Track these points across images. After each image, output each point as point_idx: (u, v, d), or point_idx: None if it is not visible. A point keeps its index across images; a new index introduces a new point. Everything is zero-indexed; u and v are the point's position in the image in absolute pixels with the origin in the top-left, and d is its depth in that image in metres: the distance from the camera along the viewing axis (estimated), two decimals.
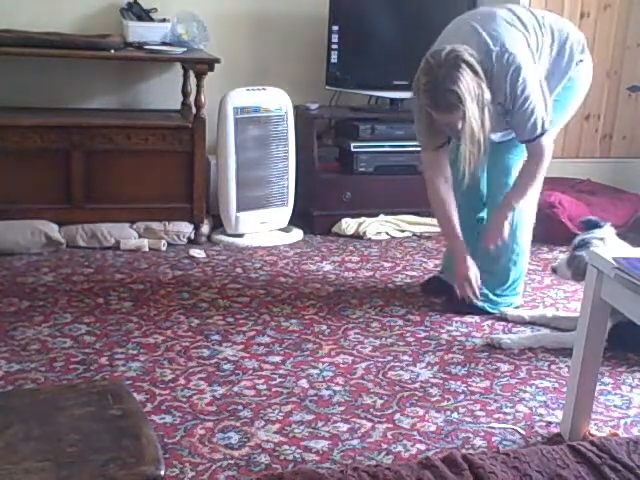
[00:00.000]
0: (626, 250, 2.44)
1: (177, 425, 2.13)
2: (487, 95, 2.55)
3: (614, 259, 1.87)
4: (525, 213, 2.96)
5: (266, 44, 4.12)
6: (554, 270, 2.83)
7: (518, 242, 2.97)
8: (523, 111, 2.63)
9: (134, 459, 1.30)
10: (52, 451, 1.32)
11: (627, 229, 4.08)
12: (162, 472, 1.30)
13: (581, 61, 2.83)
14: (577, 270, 2.67)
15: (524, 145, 2.79)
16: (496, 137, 2.82)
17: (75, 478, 1.26)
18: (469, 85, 2.49)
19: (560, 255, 3.85)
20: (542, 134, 2.68)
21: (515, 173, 2.88)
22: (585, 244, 2.66)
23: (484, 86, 2.53)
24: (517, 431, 2.19)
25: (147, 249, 3.60)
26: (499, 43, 2.59)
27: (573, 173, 4.40)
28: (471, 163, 2.64)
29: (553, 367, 2.60)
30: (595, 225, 2.76)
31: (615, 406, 2.37)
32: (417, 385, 2.44)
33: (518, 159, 2.89)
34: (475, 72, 2.51)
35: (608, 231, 2.73)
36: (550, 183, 4.23)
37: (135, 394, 2.10)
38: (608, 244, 2.63)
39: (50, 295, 3.01)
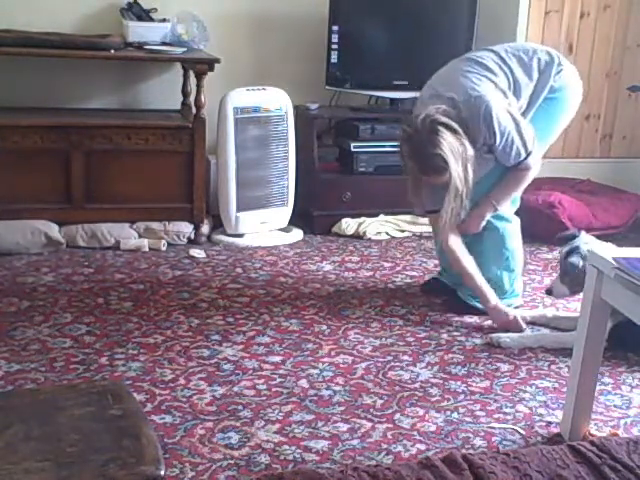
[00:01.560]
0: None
1: (177, 425, 2.13)
2: (470, 151, 2.63)
3: (614, 259, 1.87)
4: (509, 220, 2.98)
5: (266, 44, 4.12)
6: (549, 292, 2.83)
7: (507, 247, 2.98)
8: (504, 144, 2.72)
9: (134, 459, 1.30)
10: (52, 451, 1.31)
11: (627, 229, 4.09)
12: (162, 472, 1.30)
13: (560, 71, 2.87)
14: (574, 281, 2.66)
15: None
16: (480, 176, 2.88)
17: (75, 478, 1.26)
18: (452, 145, 2.59)
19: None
20: (527, 156, 2.77)
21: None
22: (573, 252, 2.67)
23: (465, 142, 2.62)
24: (517, 431, 2.19)
25: (147, 249, 3.60)
26: (462, 92, 2.69)
27: (573, 173, 4.40)
28: (452, 217, 2.73)
29: (553, 367, 2.60)
30: (572, 237, 2.77)
31: (615, 406, 2.37)
32: (417, 385, 2.44)
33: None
34: (454, 131, 2.60)
35: (587, 237, 2.75)
36: (550, 183, 4.25)
37: (135, 394, 2.10)
38: (595, 247, 2.63)
39: (50, 295, 3.01)
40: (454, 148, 2.59)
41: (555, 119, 2.95)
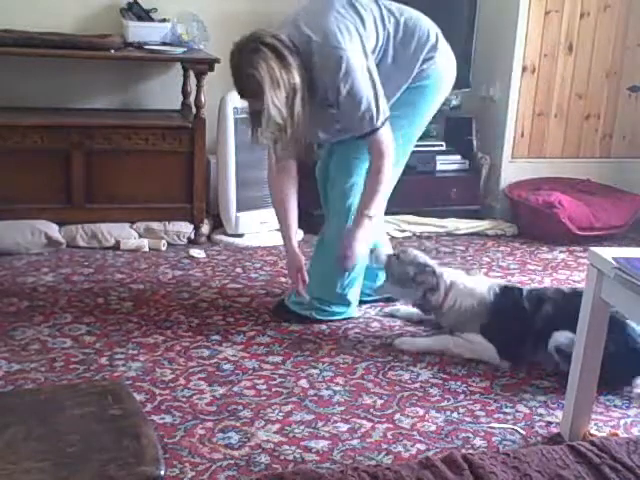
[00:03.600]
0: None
1: (177, 425, 2.13)
2: (296, 80, 2.41)
3: (614, 259, 1.87)
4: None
5: None
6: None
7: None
8: (349, 103, 2.48)
9: (134, 459, 1.30)
10: (52, 451, 1.31)
11: (627, 229, 4.09)
12: (162, 472, 1.29)
13: (431, 58, 2.66)
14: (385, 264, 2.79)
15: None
16: (325, 136, 2.75)
17: (75, 478, 1.26)
18: (272, 69, 2.37)
19: (560, 255, 3.86)
20: (376, 129, 2.51)
21: (356, 175, 2.74)
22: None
23: (294, 72, 2.40)
24: (517, 431, 2.19)
25: (147, 249, 3.60)
26: (323, 36, 2.46)
27: (573, 173, 4.40)
28: (277, 151, 2.54)
29: None
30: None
31: (615, 406, 2.37)
32: (417, 385, 2.44)
33: (363, 160, 2.69)
34: (279, 56, 2.39)
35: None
36: (550, 183, 4.26)
37: (135, 394, 2.10)
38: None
39: (50, 295, 3.01)
40: (274, 73, 2.36)
41: (417, 114, 2.73)
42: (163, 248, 3.62)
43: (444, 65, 2.74)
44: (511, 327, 2.61)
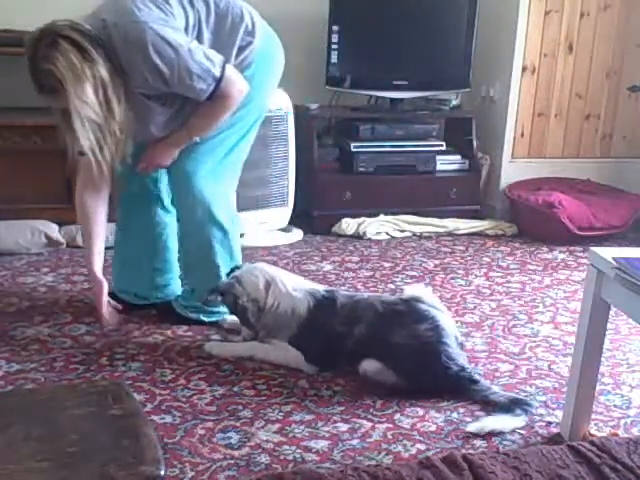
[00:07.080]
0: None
1: (177, 425, 2.13)
2: (103, 73, 2.25)
3: (614, 259, 1.87)
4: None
5: None
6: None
7: (217, 262, 2.69)
8: (178, 77, 2.33)
9: (134, 459, 1.30)
10: (52, 451, 1.31)
11: (627, 229, 4.09)
12: (162, 472, 1.29)
13: (250, 44, 2.53)
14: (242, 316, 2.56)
15: (208, 149, 2.58)
16: (156, 129, 2.52)
17: (75, 478, 1.26)
18: (71, 64, 2.21)
19: (560, 255, 3.86)
20: (219, 82, 2.37)
21: (199, 178, 2.59)
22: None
23: (99, 66, 2.24)
24: (517, 431, 2.19)
25: None
26: (116, 15, 2.30)
27: (573, 173, 4.40)
28: (104, 157, 2.34)
29: (553, 367, 2.60)
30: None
31: (615, 406, 2.36)
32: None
33: (200, 164, 2.59)
34: (81, 49, 2.23)
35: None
36: (550, 183, 4.26)
37: (135, 394, 2.10)
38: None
39: (50, 295, 3.01)
40: (75, 68, 2.19)
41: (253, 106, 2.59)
42: None
43: (265, 46, 2.60)
44: (320, 343, 2.48)
